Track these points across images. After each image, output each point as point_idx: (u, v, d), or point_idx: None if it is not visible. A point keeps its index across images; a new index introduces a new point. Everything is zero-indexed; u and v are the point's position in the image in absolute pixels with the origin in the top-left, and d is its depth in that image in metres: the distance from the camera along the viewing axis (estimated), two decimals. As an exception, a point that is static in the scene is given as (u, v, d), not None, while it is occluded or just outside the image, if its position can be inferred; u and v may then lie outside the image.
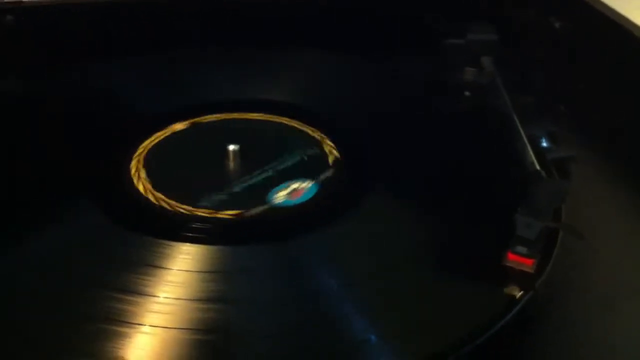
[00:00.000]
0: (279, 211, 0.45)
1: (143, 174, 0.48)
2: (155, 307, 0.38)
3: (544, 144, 0.49)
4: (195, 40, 0.63)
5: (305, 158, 0.50)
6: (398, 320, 0.39)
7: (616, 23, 0.56)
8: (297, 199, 0.46)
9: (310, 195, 0.47)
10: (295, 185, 0.47)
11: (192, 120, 0.54)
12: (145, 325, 0.37)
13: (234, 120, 0.55)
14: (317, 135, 0.53)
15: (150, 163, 0.49)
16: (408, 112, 0.56)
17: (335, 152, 0.51)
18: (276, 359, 0.36)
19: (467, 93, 0.56)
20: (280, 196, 0.46)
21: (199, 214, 0.44)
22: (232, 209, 0.45)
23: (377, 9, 0.66)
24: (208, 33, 0.64)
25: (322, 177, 0.48)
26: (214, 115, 0.55)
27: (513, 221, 0.41)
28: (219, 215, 0.44)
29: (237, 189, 0.47)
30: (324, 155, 0.50)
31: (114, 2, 0.64)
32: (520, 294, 0.39)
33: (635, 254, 0.45)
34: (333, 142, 0.52)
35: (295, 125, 0.54)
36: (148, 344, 0.36)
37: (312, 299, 0.40)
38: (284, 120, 0.54)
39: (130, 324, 0.37)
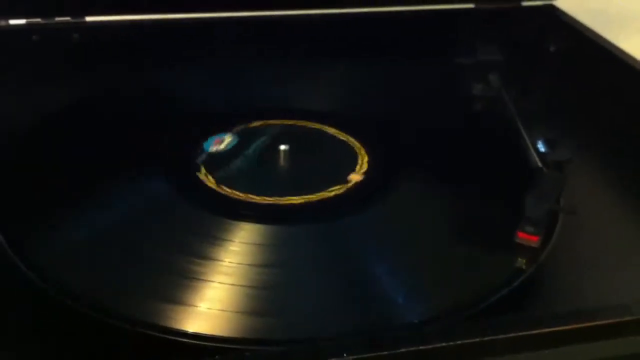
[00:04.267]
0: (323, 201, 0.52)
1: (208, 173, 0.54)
2: (222, 269, 0.45)
3: (542, 149, 0.55)
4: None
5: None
6: (425, 282, 0.45)
7: (602, 46, 0.65)
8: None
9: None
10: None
11: (256, 123, 0.60)
12: (214, 282, 0.44)
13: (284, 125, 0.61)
14: (351, 140, 0.58)
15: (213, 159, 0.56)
16: (430, 121, 0.62)
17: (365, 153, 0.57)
18: (317, 310, 0.43)
19: (477, 105, 0.63)
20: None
21: (253, 200, 0.51)
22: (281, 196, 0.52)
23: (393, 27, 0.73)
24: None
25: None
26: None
27: (522, 205, 0.47)
28: (267, 201, 0.51)
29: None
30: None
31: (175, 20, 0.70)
32: (526, 265, 0.45)
33: (620, 231, 0.52)
34: (368, 140, 0.57)
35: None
36: (216, 295, 0.44)
37: (348, 262, 0.46)
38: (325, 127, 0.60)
39: (202, 280, 0.44)
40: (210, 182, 0.53)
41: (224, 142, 0.56)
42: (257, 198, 0.51)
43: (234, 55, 0.69)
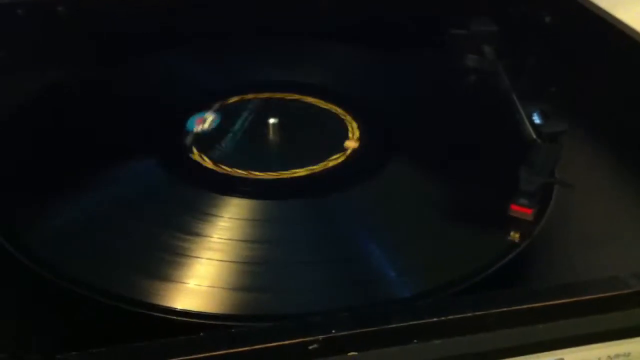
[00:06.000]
0: (312, 175, 0.51)
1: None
2: (211, 245, 0.45)
3: (538, 121, 0.54)
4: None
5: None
6: (419, 257, 0.45)
7: (599, 16, 0.64)
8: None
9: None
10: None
11: (241, 97, 0.59)
12: (203, 258, 0.44)
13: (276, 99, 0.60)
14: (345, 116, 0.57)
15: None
16: (423, 94, 0.61)
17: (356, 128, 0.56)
18: (306, 286, 0.43)
19: (471, 77, 0.62)
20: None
21: (241, 175, 0.51)
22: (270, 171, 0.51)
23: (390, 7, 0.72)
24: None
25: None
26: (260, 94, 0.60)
27: (516, 178, 0.46)
28: (255, 176, 0.51)
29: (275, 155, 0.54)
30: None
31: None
32: (520, 239, 0.45)
33: (616, 204, 0.53)
34: (359, 119, 0.56)
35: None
36: (205, 271, 0.43)
37: (339, 237, 0.46)
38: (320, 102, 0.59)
39: (191, 256, 0.44)
40: (204, 161, 0.52)
41: (207, 121, 0.55)
42: (255, 173, 0.51)
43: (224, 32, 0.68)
